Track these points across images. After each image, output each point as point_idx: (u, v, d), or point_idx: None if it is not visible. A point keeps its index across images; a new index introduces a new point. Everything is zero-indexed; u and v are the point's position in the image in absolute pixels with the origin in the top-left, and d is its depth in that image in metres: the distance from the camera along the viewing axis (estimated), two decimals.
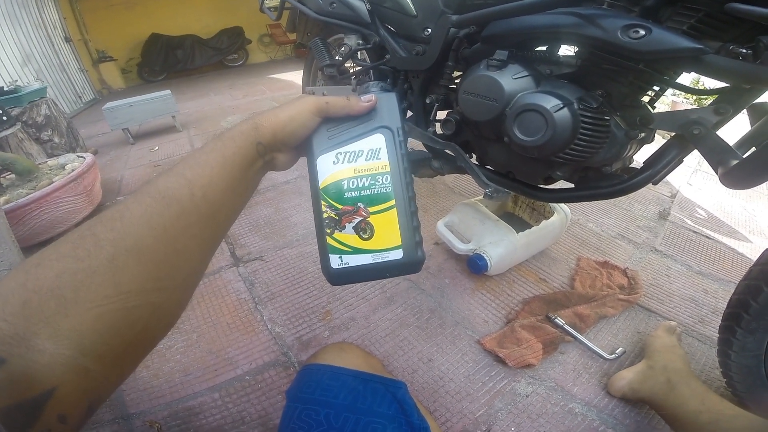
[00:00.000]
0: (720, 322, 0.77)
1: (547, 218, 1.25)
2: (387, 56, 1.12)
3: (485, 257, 1.14)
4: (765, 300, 0.67)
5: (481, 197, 1.37)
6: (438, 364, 0.99)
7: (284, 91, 4.42)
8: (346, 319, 1.14)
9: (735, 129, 0.73)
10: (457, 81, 0.98)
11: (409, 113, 1.15)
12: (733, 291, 0.74)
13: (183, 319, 1.16)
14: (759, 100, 0.66)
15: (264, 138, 0.40)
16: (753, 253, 1.39)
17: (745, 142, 0.71)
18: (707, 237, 1.48)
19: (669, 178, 1.90)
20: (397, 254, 0.43)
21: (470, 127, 0.95)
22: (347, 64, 1.42)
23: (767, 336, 0.70)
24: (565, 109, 0.70)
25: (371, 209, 0.43)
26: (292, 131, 0.41)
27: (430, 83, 1.06)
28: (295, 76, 5.08)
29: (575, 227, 1.52)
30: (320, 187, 0.43)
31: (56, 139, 2.48)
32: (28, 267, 0.27)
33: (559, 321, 1.04)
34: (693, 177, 1.98)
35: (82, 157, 1.87)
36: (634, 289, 1.17)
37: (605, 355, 0.98)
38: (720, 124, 0.67)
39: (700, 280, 1.25)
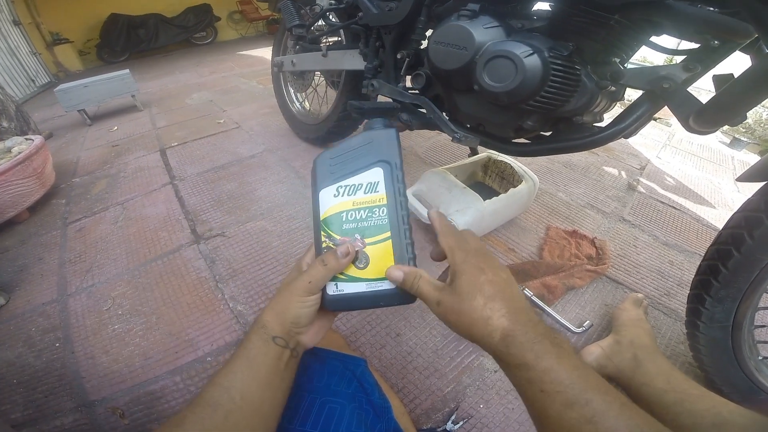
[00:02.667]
0: (688, 292, 0.74)
1: (515, 187, 1.23)
2: (359, 14, 1.11)
3: None
4: (735, 265, 0.63)
5: (449, 165, 1.35)
6: (406, 338, 0.97)
7: (254, 67, 4.24)
8: None
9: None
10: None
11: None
12: (700, 261, 0.71)
13: (142, 301, 1.11)
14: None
15: (276, 332, 0.42)
16: (718, 225, 1.41)
17: None
18: (674, 208, 1.50)
19: (639, 150, 1.95)
20: (391, 284, 0.44)
21: (440, 79, 0.94)
22: (317, 27, 1.39)
23: (736, 305, 0.66)
24: (535, 56, 0.69)
25: (367, 240, 0.45)
26: (296, 317, 0.43)
27: (401, 39, 1.05)
28: (265, 52, 4.90)
29: (545, 196, 1.52)
30: (321, 218, 0.46)
31: (5, 124, 2.40)
32: None
33: (528, 293, 1.03)
34: (662, 151, 2.01)
35: (30, 139, 1.77)
36: (602, 259, 1.17)
37: (573, 328, 0.97)
38: (689, 81, 0.67)
39: (667, 252, 1.26)
